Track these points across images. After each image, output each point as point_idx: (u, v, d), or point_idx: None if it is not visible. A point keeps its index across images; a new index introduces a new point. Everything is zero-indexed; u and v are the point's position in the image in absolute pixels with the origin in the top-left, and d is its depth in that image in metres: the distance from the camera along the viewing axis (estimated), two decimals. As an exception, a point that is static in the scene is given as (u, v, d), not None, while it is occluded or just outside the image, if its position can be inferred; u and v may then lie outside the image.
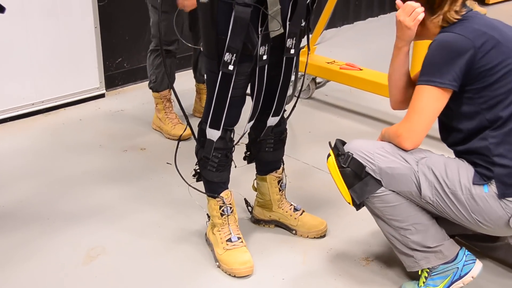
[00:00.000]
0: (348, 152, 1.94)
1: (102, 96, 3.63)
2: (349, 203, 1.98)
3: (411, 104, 1.88)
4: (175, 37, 2.93)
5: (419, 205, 1.95)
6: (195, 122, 2.97)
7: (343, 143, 2.00)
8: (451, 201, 1.86)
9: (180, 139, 2.26)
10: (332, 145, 2.00)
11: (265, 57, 2.00)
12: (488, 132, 1.83)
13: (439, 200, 1.87)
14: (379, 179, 1.91)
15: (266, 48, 1.99)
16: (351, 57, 3.82)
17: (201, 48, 2.05)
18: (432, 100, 1.83)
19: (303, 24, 2.07)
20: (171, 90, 3.12)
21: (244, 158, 2.38)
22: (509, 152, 1.81)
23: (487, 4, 5.47)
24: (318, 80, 3.71)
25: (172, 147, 2.29)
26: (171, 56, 3.06)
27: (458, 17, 1.85)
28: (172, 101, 3.19)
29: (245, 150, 2.38)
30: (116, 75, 3.74)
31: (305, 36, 2.15)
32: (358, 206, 1.98)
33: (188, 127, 2.18)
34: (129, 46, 3.71)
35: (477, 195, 1.83)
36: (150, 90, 3.19)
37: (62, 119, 3.38)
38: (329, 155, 1.98)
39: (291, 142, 3.06)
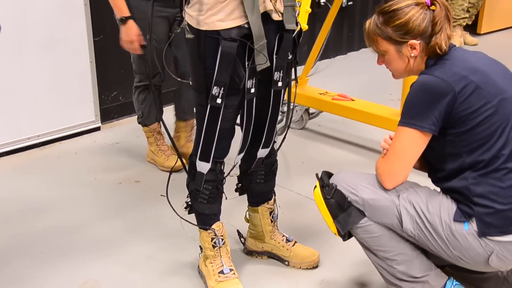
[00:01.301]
0: (333, 183, 1.97)
1: (97, 129, 3.67)
2: (335, 233, 2.01)
3: (392, 145, 1.90)
4: (156, 71, 2.96)
5: (403, 236, 1.96)
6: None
7: (330, 175, 2.04)
8: (431, 236, 1.87)
9: (172, 171, 2.28)
10: (319, 177, 2.03)
11: (253, 90, 2.03)
12: (468, 172, 1.83)
13: (420, 234, 1.89)
14: (362, 210, 1.94)
15: (254, 81, 2.02)
16: (344, 87, 3.86)
17: (190, 82, 2.08)
18: (411, 143, 1.85)
19: (290, 57, 2.11)
20: (160, 122, 3.15)
21: (236, 190, 2.40)
22: (489, 193, 1.80)
23: (479, 34, 5.52)
24: (311, 110, 3.74)
25: (166, 179, 2.32)
26: (156, 89, 3.07)
27: (446, 48, 1.87)
28: (162, 133, 3.21)
29: (236, 181, 2.39)
30: (112, 108, 3.78)
31: (293, 69, 2.18)
32: (343, 237, 2.00)
33: (179, 159, 2.20)
34: (124, 80, 3.75)
35: (457, 231, 1.83)
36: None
37: (57, 152, 3.40)
38: (315, 186, 2.02)
39: (284, 173, 3.08)
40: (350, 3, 5.01)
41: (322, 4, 4.74)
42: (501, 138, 1.80)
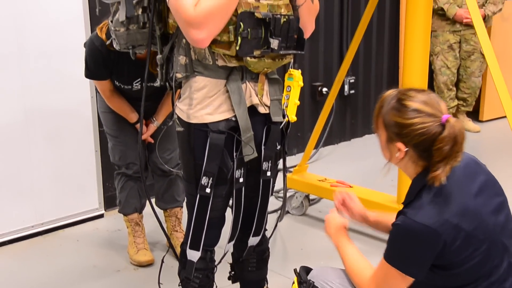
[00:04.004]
0: (310, 279, 1.95)
1: (101, 216, 3.72)
2: None
3: (380, 276, 1.81)
4: (129, 160, 3.02)
5: None
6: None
7: (308, 270, 2.02)
8: None
9: (163, 259, 2.30)
10: (297, 272, 2.01)
11: (241, 180, 2.09)
12: None
13: None
14: None
15: (242, 171, 2.09)
16: (346, 173, 3.91)
17: (181, 173, 2.15)
18: (398, 281, 1.77)
19: (278, 147, 2.18)
20: (139, 214, 3.17)
21: (229, 278, 2.41)
22: None
23: (481, 121, 5.59)
24: (311, 197, 3.78)
25: (165, 266, 2.34)
26: (135, 179, 3.10)
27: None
28: (142, 225, 3.19)
29: (229, 269, 2.41)
30: (116, 195, 3.83)
31: (282, 159, 2.25)
32: None
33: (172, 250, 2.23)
34: (128, 167, 3.83)
35: None
36: None
37: (59, 240, 3.44)
38: (293, 282, 2.00)
39: (282, 259, 3.08)
40: (352, 91, 5.15)
41: (324, 93, 4.89)
42: (492, 276, 1.73)
